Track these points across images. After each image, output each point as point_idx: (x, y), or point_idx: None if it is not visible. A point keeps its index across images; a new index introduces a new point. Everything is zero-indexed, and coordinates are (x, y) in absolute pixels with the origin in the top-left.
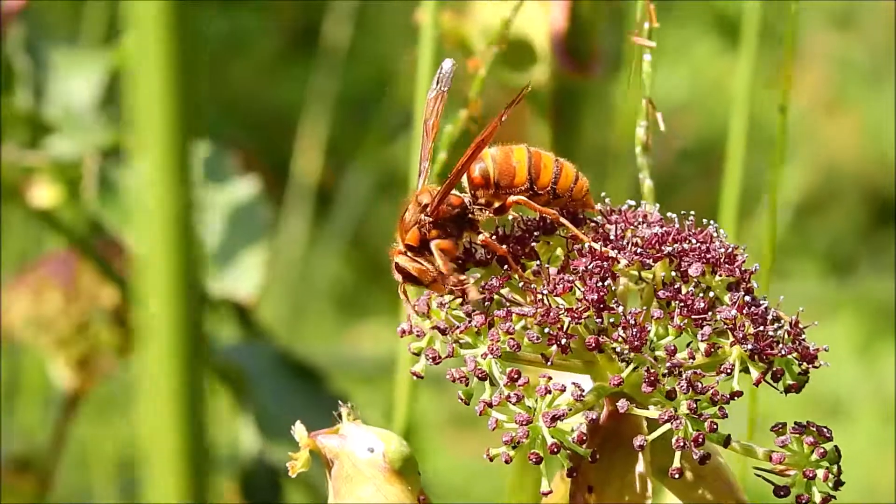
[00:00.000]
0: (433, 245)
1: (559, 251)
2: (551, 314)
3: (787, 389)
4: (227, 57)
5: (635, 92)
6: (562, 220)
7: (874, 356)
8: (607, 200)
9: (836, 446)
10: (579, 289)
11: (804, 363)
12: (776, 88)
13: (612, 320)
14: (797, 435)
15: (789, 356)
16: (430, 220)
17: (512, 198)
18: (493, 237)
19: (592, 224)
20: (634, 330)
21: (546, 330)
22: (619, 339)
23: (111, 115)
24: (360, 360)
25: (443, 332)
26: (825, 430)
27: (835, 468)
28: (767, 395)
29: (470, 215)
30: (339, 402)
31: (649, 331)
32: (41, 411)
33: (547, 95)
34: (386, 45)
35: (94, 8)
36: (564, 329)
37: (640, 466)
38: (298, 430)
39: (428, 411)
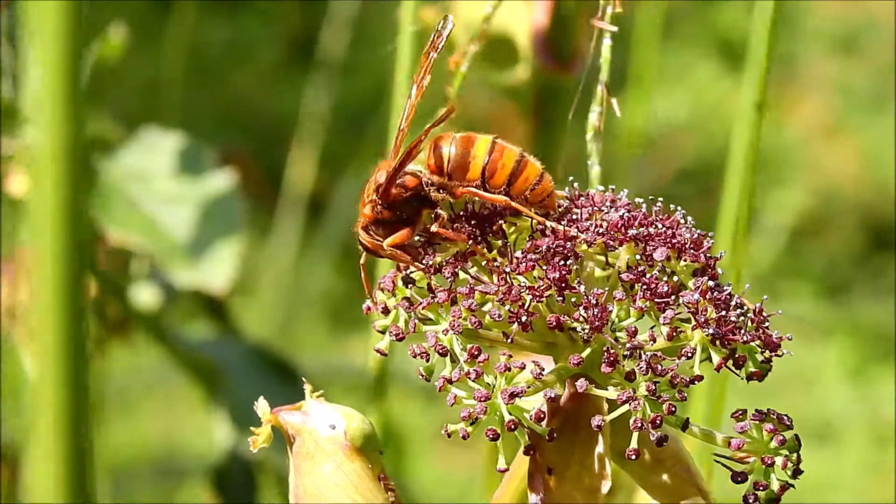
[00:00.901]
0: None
1: (524, 233)
2: (513, 292)
3: (750, 377)
4: (228, 64)
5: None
6: (513, 204)
7: (867, 380)
8: (576, 185)
9: (795, 435)
10: (541, 267)
11: (767, 351)
12: (775, 111)
13: (573, 300)
14: (757, 422)
15: (752, 343)
16: (380, 201)
17: (461, 189)
18: (462, 214)
19: (560, 207)
20: (596, 310)
21: (508, 308)
22: (581, 318)
23: (92, 106)
24: (351, 369)
25: (407, 308)
26: (786, 417)
27: (794, 456)
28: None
29: (425, 195)
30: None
31: (611, 312)
32: (15, 402)
33: (529, 93)
34: (383, 57)
35: None
36: (526, 307)
37: (599, 449)
38: (261, 406)
39: (422, 424)
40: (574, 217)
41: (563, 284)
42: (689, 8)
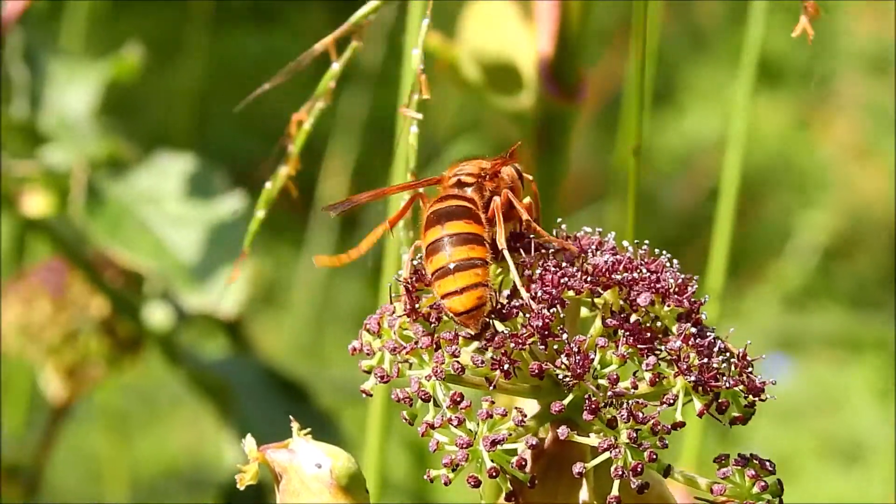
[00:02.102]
0: None
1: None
2: (496, 339)
3: (733, 422)
4: (258, 77)
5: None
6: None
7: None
8: (563, 227)
9: (778, 479)
10: (524, 315)
11: (750, 395)
12: (809, 131)
13: (556, 347)
14: (739, 467)
15: (736, 388)
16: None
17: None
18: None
19: (547, 250)
20: (578, 357)
21: (490, 355)
22: (563, 366)
23: (107, 126)
24: None
25: (391, 351)
26: (768, 462)
27: (776, 501)
28: (785, 437)
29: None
30: (325, 417)
31: (593, 359)
32: (30, 418)
33: (533, 121)
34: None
35: (94, 17)
36: (508, 355)
37: (584, 494)
38: (248, 443)
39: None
40: (561, 262)
41: (547, 332)
42: (722, 26)
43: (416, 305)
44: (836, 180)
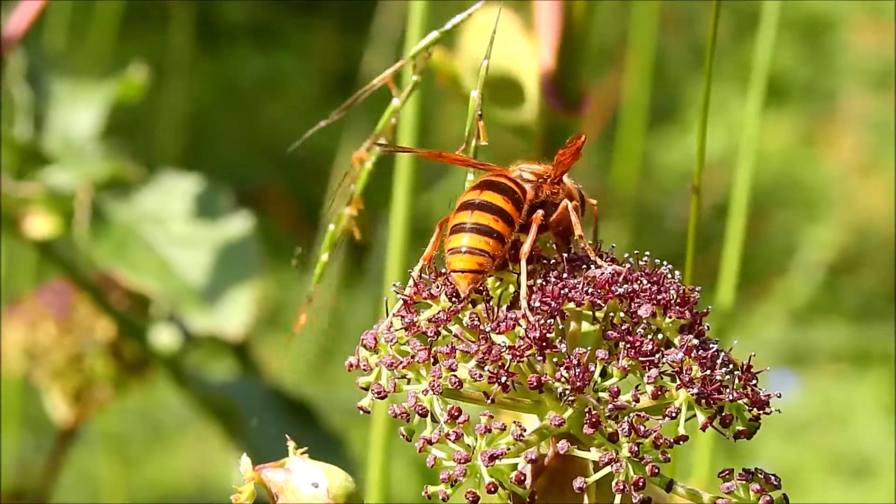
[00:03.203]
0: None
1: (511, 288)
2: (493, 351)
3: (737, 436)
4: (263, 98)
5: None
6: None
7: None
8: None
9: (784, 495)
10: (522, 327)
11: (755, 409)
12: (813, 147)
13: (555, 360)
14: (744, 482)
15: (739, 401)
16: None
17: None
18: (444, 271)
19: (548, 262)
20: (577, 370)
21: (488, 368)
22: (562, 378)
23: (111, 146)
24: None
25: (388, 367)
26: (773, 477)
27: None
28: (792, 452)
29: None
30: (333, 438)
31: (593, 372)
32: (36, 441)
33: (536, 134)
34: (423, 92)
35: (97, 37)
36: (506, 367)
37: None
38: (243, 463)
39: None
40: (562, 274)
41: (545, 344)
42: (726, 43)
43: (415, 319)
44: (841, 196)
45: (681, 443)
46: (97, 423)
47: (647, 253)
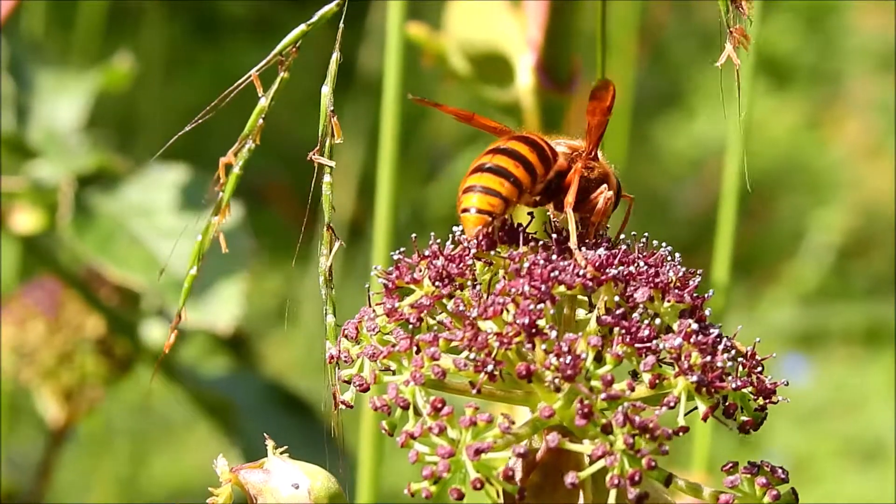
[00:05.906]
0: None
1: (501, 272)
2: (479, 338)
3: (742, 427)
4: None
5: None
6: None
7: None
8: (555, 221)
9: (792, 489)
10: (510, 312)
11: (760, 398)
12: (820, 130)
13: (544, 347)
14: (749, 475)
15: (744, 390)
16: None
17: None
18: (428, 254)
19: (537, 244)
20: (568, 358)
21: (473, 356)
22: (552, 367)
23: (98, 138)
24: None
25: (370, 357)
26: (780, 470)
27: None
28: (804, 438)
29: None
30: (331, 435)
31: (585, 359)
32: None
33: (527, 113)
34: (421, 80)
35: (82, 28)
36: (493, 355)
37: None
38: (220, 464)
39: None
40: (552, 256)
41: (534, 330)
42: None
43: (397, 305)
44: (848, 179)
45: (680, 434)
46: (97, 422)
47: (646, 234)
